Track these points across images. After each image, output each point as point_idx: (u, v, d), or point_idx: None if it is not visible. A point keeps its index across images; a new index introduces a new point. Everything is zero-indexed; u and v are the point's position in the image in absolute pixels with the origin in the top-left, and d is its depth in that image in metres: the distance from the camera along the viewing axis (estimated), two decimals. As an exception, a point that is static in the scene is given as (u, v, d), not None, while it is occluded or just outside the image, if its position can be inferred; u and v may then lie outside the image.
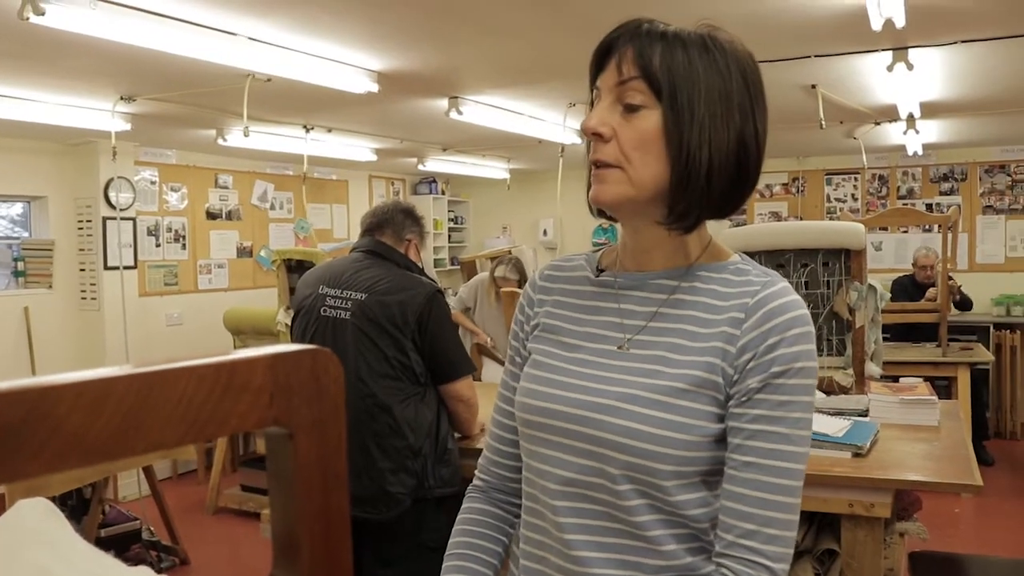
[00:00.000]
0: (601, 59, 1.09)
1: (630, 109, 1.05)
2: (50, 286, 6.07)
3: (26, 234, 6.19)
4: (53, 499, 4.09)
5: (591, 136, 1.07)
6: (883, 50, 3.85)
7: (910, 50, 3.81)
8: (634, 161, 1.05)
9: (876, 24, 3.10)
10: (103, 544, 4.42)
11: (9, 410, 0.41)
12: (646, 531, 1.07)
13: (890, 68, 3.92)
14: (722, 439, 1.06)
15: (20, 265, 6.03)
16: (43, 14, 2.83)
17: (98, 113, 4.90)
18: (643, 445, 1.04)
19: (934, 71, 4.33)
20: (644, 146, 1.04)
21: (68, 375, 0.43)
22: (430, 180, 9.50)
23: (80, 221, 6.15)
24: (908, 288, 6.41)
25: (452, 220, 10.03)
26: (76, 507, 4.32)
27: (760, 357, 1.04)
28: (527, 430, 1.16)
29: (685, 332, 1.09)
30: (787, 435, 1.03)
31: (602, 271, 1.21)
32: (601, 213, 1.13)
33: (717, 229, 4.55)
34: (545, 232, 9.52)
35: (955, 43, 3.73)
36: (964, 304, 6.48)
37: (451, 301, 5.69)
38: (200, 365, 0.48)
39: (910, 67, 3.88)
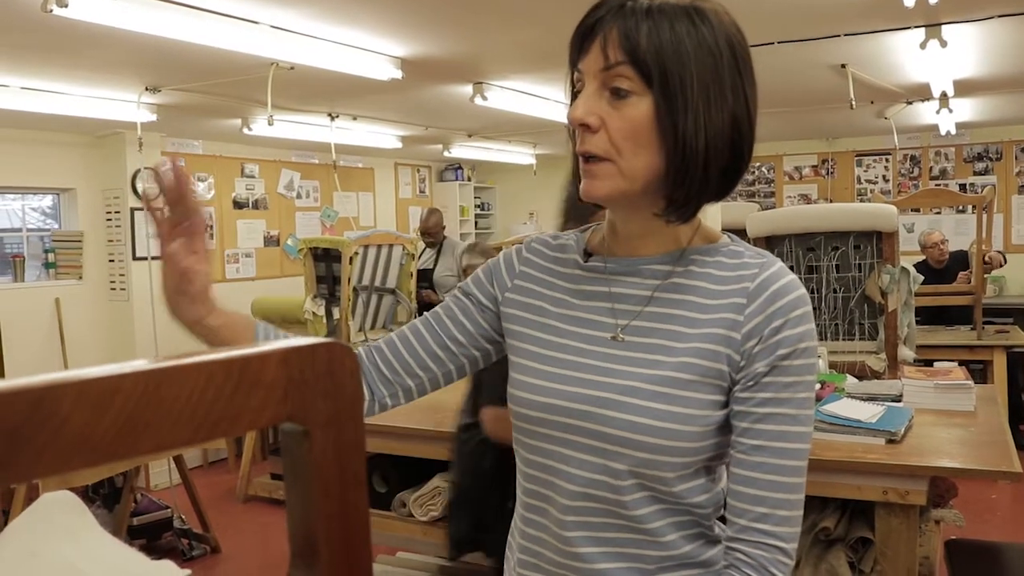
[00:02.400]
0: (582, 40, 1.03)
1: (618, 95, 1.00)
2: (80, 277, 6.13)
3: (56, 226, 6.25)
4: (85, 488, 4.14)
5: (578, 127, 1.03)
6: (916, 27, 3.77)
7: (943, 26, 3.73)
8: (625, 152, 1.00)
9: (909, 0, 3.04)
10: (135, 532, 4.47)
11: (9, 410, 0.39)
12: (646, 523, 1.06)
13: (923, 45, 3.84)
14: (725, 426, 1.05)
15: (51, 256, 6.10)
16: (66, 6, 2.84)
17: (124, 104, 4.93)
18: (651, 440, 1.02)
19: (968, 48, 4.24)
20: (635, 136, 0.99)
21: (72, 372, 0.41)
22: (455, 167, 9.49)
23: (108, 212, 6.20)
24: (923, 272, 6.30)
25: (478, 207, 10.02)
26: (108, 496, 4.36)
27: (766, 341, 1.02)
28: (528, 425, 1.13)
29: (683, 319, 1.06)
30: (794, 416, 1.02)
31: (590, 254, 1.17)
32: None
33: (745, 212, 4.44)
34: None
35: (990, 18, 3.64)
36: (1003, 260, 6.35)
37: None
38: (210, 361, 0.46)
39: (944, 44, 3.80)
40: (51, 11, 2.85)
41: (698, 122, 0.98)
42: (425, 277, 6.07)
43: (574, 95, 1.08)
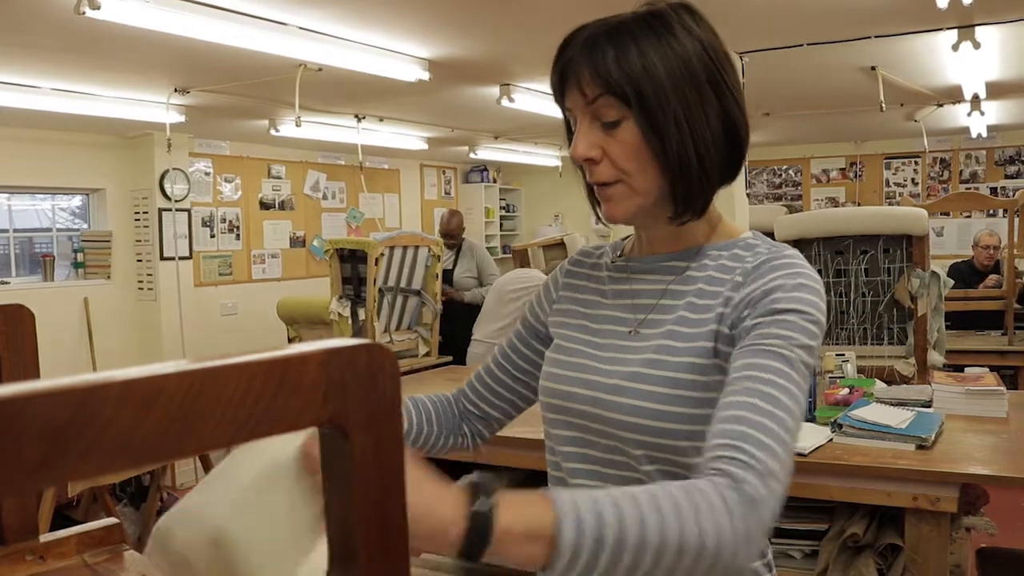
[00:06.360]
0: (561, 82, 1.09)
1: (609, 126, 1.05)
2: (108, 277, 6.18)
3: (85, 226, 6.31)
4: (112, 487, 4.17)
5: (583, 163, 1.08)
6: (948, 28, 3.72)
7: (977, 28, 3.68)
8: (631, 172, 1.06)
9: (942, 2, 3.00)
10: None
11: (56, 410, 0.39)
12: None
13: (955, 47, 3.79)
14: None
15: (80, 256, 6.16)
16: (99, 8, 2.87)
17: (153, 106, 4.97)
18: (657, 424, 1.03)
19: (1001, 49, 4.19)
20: (635, 156, 1.05)
21: (116, 373, 0.41)
22: (481, 168, 9.49)
23: (136, 213, 6.26)
24: (965, 274, 6.20)
25: (503, 208, 10.01)
26: (135, 494, 4.39)
27: (757, 301, 1.00)
28: (549, 414, 1.18)
29: (690, 304, 1.09)
30: (788, 358, 0.95)
31: (621, 257, 1.24)
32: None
33: (772, 216, 4.39)
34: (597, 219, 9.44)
35: (1025, 19, 3.59)
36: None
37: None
38: (252, 362, 0.45)
39: (977, 46, 3.75)
40: (83, 13, 2.87)
41: (682, 130, 1.02)
42: (445, 277, 6.09)
43: (568, 129, 1.13)
